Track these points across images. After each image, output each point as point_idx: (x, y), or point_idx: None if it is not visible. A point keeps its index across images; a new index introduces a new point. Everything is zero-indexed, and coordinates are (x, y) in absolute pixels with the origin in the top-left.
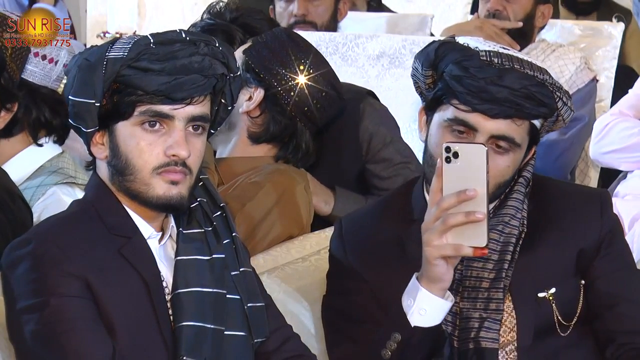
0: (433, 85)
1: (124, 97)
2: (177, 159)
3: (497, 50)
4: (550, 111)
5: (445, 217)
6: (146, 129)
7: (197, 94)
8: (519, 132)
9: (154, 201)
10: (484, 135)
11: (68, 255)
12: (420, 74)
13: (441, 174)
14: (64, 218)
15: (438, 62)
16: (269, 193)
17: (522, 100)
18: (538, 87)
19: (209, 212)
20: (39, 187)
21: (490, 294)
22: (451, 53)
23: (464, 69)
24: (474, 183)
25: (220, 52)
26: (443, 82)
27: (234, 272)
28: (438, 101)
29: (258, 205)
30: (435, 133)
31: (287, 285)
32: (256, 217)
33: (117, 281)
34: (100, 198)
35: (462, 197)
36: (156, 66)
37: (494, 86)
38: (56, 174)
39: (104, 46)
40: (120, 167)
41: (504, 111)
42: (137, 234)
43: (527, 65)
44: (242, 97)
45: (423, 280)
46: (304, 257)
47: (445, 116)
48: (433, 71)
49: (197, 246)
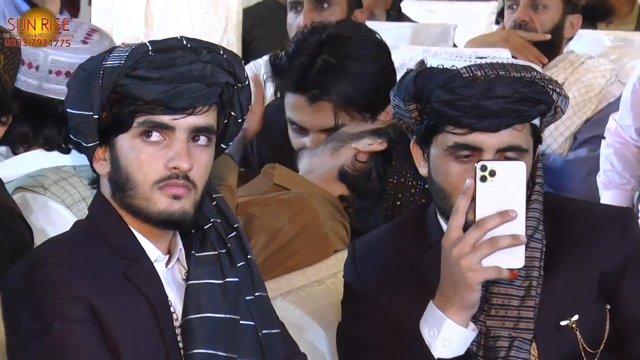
0: (420, 117)
1: (122, 108)
2: (179, 171)
3: (476, 63)
4: (547, 107)
5: (492, 240)
6: (146, 140)
7: (200, 104)
8: (523, 138)
9: (156, 217)
10: (490, 152)
11: (72, 277)
12: (403, 110)
13: (470, 194)
14: (67, 238)
15: (420, 93)
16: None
17: (518, 105)
18: (530, 86)
19: (222, 234)
20: (9, 184)
21: (521, 312)
22: (431, 80)
23: (450, 92)
24: (511, 202)
25: (224, 60)
26: (432, 111)
27: (249, 296)
28: (431, 132)
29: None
30: (439, 165)
31: (302, 310)
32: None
33: (122, 305)
34: (104, 218)
35: (506, 217)
36: (154, 74)
37: (487, 100)
38: (32, 179)
39: (101, 55)
40: (121, 183)
41: (504, 122)
42: (143, 257)
43: (511, 67)
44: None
45: (450, 309)
46: (320, 280)
47: (445, 145)
48: (417, 103)
49: (210, 269)
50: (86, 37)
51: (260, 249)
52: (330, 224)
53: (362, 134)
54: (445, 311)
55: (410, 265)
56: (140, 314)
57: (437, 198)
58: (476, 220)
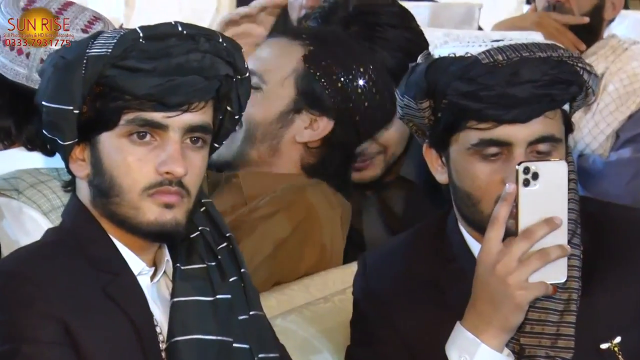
0: (434, 116)
1: (108, 102)
2: (172, 177)
3: (495, 47)
4: (579, 88)
5: (542, 252)
6: (135, 141)
7: (196, 99)
8: (556, 126)
9: (144, 228)
10: (521, 145)
11: (43, 293)
12: (414, 109)
13: (512, 200)
14: (38, 249)
15: (434, 87)
16: (281, 223)
17: (549, 89)
18: (558, 66)
19: (212, 244)
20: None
21: (560, 328)
22: (446, 71)
23: (470, 82)
24: (555, 208)
25: (224, 49)
26: (449, 106)
27: (242, 316)
28: (450, 131)
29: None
30: (463, 168)
31: (305, 332)
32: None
33: (101, 325)
34: (81, 225)
35: (552, 225)
36: (146, 65)
37: (513, 87)
38: (5, 181)
39: (83, 42)
40: (104, 188)
41: (534, 110)
42: (125, 270)
43: (535, 47)
44: (299, 122)
45: (487, 332)
46: (326, 297)
47: (468, 143)
48: (430, 100)
49: (198, 285)
50: (87, 25)
51: (265, 259)
52: (330, 217)
53: (283, 118)
54: (479, 334)
55: (428, 280)
56: (121, 335)
57: (463, 205)
58: (520, 230)
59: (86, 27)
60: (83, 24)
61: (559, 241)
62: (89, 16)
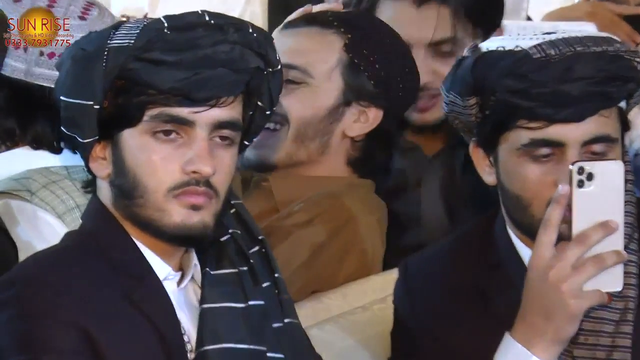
0: (482, 114)
1: (130, 97)
2: (199, 176)
3: (547, 40)
4: (636, 84)
5: (597, 258)
6: (159, 138)
7: (225, 94)
8: (612, 125)
9: (170, 231)
10: (575, 146)
11: (63, 300)
12: (460, 107)
13: (565, 202)
14: (56, 254)
15: (481, 84)
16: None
17: (604, 86)
18: (614, 61)
19: (244, 248)
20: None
21: (616, 340)
22: (494, 66)
23: (521, 78)
24: (610, 210)
25: (255, 40)
26: (498, 104)
27: (277, 324)
28: (499, 130)
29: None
30: (512, 169)
31: (343, 342)
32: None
33: (125, 333)
34: (102, 228)
35: (608, 229)
36: (171, 57)
37: (566, 84)
38: (16, 182)
39: (104, 32)
40: (127, 188)
41: (588, 108)
42: (150, 275)
43: (590, 41)
44: (349, 115)
45: (539, 344)
46: (365, 306)
47: (518, 143)
48: (477, 97)
49: (229, 291)
50: (83, 11)
51: (301, 266)
52: (369, 224)
53: (334, 112)
54: (531, 347)
55: (473, 288)
56: (146, 343)
57: (512, 209)
58: (574, 234)
59: (83, 13)
60: (79, 11)
61: (615, 246)
62: (82, 2)
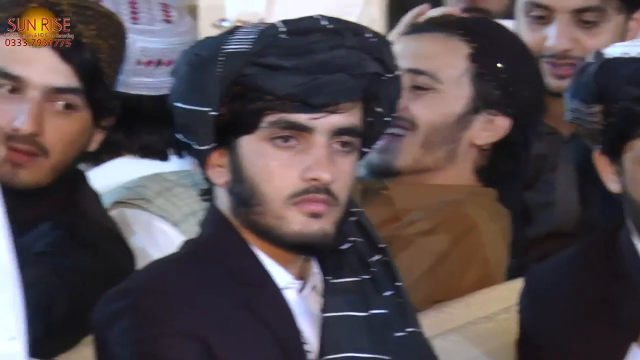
0: (606, 121)
1: (247, 103)
2: (319, 183)
3: None
4: None
5: None
6: (278, 145)
7: (343, 99)
8: None
9: (290, 239)
10: None
11: (181, 309)
12: (584, 114)
13: None
14: (174, 262)
15: (605, 91)
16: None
17: None
18: None
19: (365, 256)
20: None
21: None
22: (617, 73)
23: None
24: None
25: (373, 45)
26: (621, 112)
27: (399, 332)
28: (623, 138)
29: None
30: (638, 179)
31: (467, 353)
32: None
33: (245, 343)
34: (221, 236)
35: None
36: (288, 62)
37: None
38: (130, 191)
39: (220, 38)
40: (245, 196)
41: None
42: (269, 283)
43: None
44: (477, 123)
45: None
46: (489, 316)
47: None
48: (601, 104)
49: (351, 299)
50: (165, 14)
51: (423, 275)
52: (493, 239)
53: (462, 120)
54: None
55: (598, 298)
56: (267, 353)
57: (638, 218)
58: None
59: (166, 16)
60: (162, 15)
61: None
62: (158, 6)
